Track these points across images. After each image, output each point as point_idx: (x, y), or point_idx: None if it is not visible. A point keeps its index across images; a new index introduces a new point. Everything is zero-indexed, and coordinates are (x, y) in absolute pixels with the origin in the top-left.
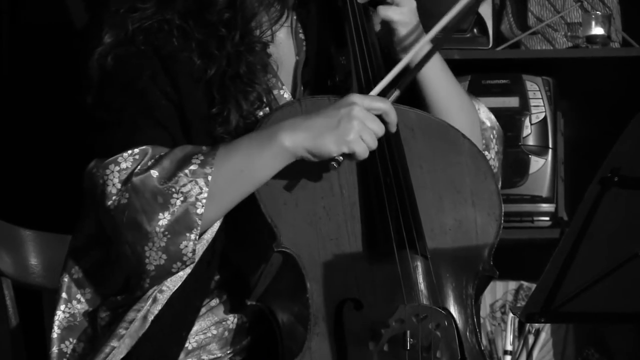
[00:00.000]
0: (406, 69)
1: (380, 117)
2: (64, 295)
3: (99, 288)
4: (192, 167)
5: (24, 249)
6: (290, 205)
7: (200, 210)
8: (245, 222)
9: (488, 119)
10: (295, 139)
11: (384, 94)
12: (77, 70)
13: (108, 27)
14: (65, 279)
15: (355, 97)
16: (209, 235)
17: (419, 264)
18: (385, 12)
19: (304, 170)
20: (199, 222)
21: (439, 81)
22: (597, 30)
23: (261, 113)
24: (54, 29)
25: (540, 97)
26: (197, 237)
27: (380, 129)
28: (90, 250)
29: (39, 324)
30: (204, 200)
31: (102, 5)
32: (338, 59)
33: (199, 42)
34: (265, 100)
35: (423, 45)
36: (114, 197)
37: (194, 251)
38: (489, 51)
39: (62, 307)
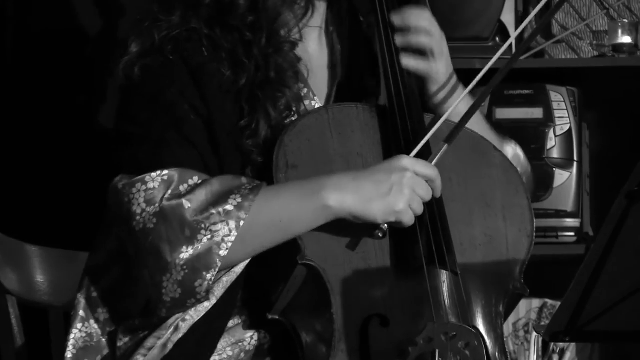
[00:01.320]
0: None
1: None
2: (81, 313)
3: (117, 307)
4: (228, 207)
5: (30, 265)
6: None
7: (223, 253)
8: None
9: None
10: (341, 201)
11: (426, 153)
12: (90, 79)
13: (134, 36)
14: (83, 297)
15: (407, 161)
16: (239, 269)
17: (448, 280)
18: (408, 62)
19: None
20: (219, 264)
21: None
22: (624, 39)
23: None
24: (59, 35)
25: (565, 108)
26: (213, 278)
27: (428, 196)
28: (112, 268)
29: (46, 343)
30: (229, 244)
31: (121, 12)
32: (370, 74)
33: (228, 51)
34: (294, 108)
35: (463, 98)
36: (138, 217)
37: (207, 291)
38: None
39: (79, 325)
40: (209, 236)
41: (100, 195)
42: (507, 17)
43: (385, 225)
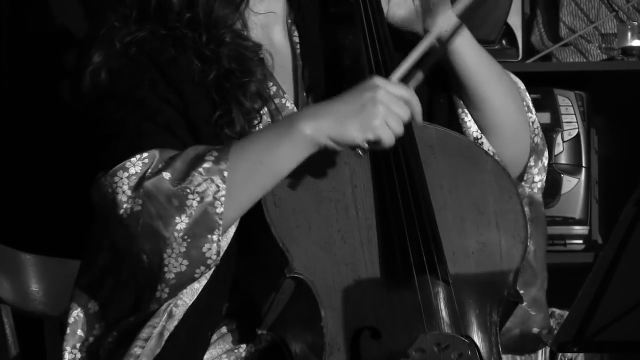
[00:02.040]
0: (430, 51)
1: None
2: (79, 332)
3: (112, 314)
4: (206, 165)
5: (25, 274)
6: (303, 228)
7: (220, 210)
8: (256, 246)
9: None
10: (317, 127)
11: (406, 79)
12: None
13: (96, 46)
14: (82, 314)
15: (379, 81)
16: (230, 235)
17: (440, 290)
18: None
19: (318, 190)
20: (220, 222)
21: (471, 60)
22: (634, 42)
23: (265, 110)
24: (54, 38)
25: (573, 112)
26: (220, 238)
27: (406, 114)
28: (105, 282)
29: (41, 353)
30: (222, 199)
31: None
32: (344, 41)
33: (192, 48)
34: (264, 94)
35: (447, 21)
36: (125, 206)
37: (218, 253)
38: (518, 64)
39: (79, 345)
40: (199, 199)
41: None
42: (514, 20)
43: (366, 144)
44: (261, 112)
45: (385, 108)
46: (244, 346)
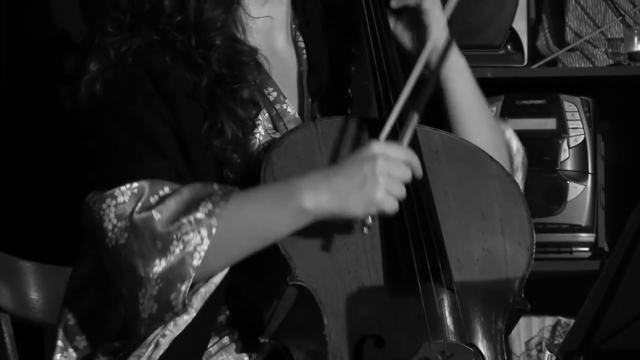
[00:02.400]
0: (422, 83)
1: None
2: (59, 343)
3: (95, 333)
4: (199, 215)
5: (24, 282)
6: (306, 235)
7: (196, 262)
8: (258, 253)
9: (518, 143)
10: (318, 202)
11: (403, 116)
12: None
13: (92, 53)
14: (61, 326)
15: (377, 148)
16: (218, 278)
17: (444, 297)
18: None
19: None
20: (192, 274)
21: (462, 89)
22: None
23: (264, 120)
24: (53, 41)
25: (579, 118)
26: (187, 289)
27: (406, 175)
28: (85, 293)
29: None
30: (202, 252)
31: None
32: (349, 47)
33: (186, 56)
34: (258, 100)
35: (433, 46)
36: (110, 234)
37: (184, 303)
38: (523, 69)
39: (58, 356)
40: (181, 247)
41: None
42: (519, 24)
43: (369, 218)
44: (260, 118)
45: (386, 178)
46: (246, 357)
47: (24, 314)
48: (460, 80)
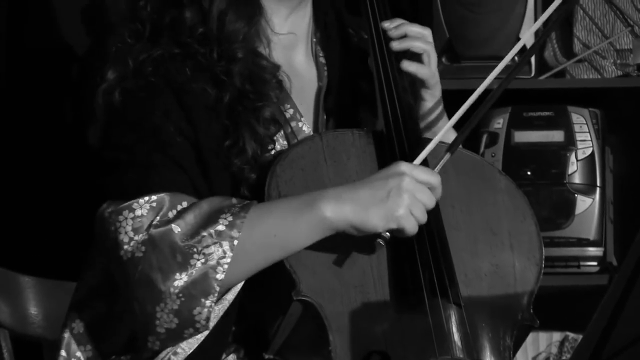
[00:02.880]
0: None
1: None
2: (62, 353)
3: (100, 345)
4: (219, 228)
5: (23, 297)
6: (311, 249)
7: (220, 276)
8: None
9: None
10: (339, 211)
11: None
12: (78, 105)
13: (110, 62)
14: (66, 335)
15: (404, 167)
16: (231, 296)
17: (451, 313)
18: (409, 66)
19: None
20: (217, 289)
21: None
22: None
23: (279, 137)
24: (52, 54)
25: (587, 130)
26: (213, 304)
27: (431, 202)
28: (92, 303)
29: None
30: (225, 266)
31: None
32: (363, 85)
33: (208, 69)
34: (278, 119)
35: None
36: (125, 247)
37: (208, 319)
38: (531, 80)
39: None
40: (203, 260)
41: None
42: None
43: (387, 233)
44: (276, 136)
45: (411, 196)
46: None
47: (23, 329)
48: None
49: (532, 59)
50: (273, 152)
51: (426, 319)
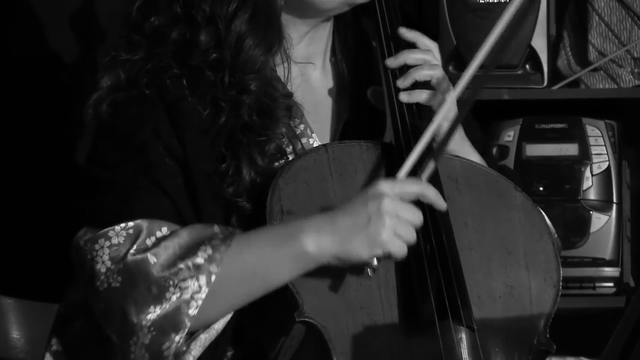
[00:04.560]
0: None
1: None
2: None
3: None
4: (198, 261)
5: (5, 319)
6: (315, 269)
7: (192, 312)
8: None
9: None
10: (320, 244)
11: (419, 164)
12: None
13: (102, 71)
14: (47, 356)
15: (383, 186)
16: (220, 326)
17: (463, 336)
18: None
19: None
20: (187, 324)
21: None
22: None
23: (290, 149)
24: (39, 62)
25: (603, 143)
26: (182, 339)
27: (417, 218)
28: (73, 322)
29: None
30: (199, 301)
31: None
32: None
33: (205, 89)
34: (289, 148)
35: (453, 100)
36: (102, 278)
37: (176, 355)
38: (543, 90)
39: None
40: (178, 294)
41: None
42: (539, 42)
43: (375, 260)
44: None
45: (392, 218)
46: None
47: (5, 353)
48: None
49: (545, 68)
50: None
51: (437, 343)
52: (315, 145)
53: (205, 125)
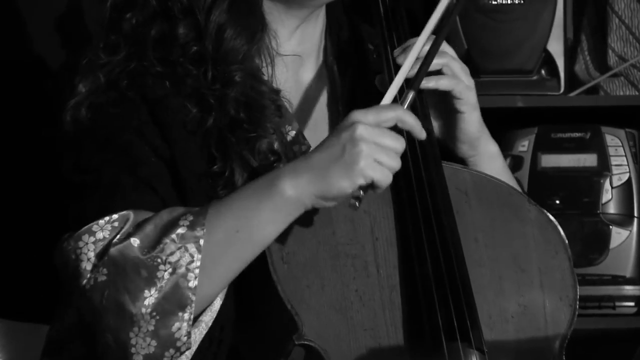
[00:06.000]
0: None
1: (395, 128)
2: None
3: None
4: (180, 231)
5: None
6: (315, 288)
7: (193, 283)
8: (259, 307)
9: None
10: (298, 184)
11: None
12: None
13: (80, 75)
14: None
15: (357, 114)
16: (208, 318)
17: (473, 359)
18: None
19: (333, 243)
20: (193, 298)
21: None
22: None
23: (280, 163)
24: (23, 67)
25: (624, 154)
26: (192, 317)
27: (397, 143)
28: (69, 345)
29: None
30: (196, 271)
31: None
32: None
33: (191, 87)
34: (277, 149)
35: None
36: (88, 275)
37: (188, 334)
38: (560, 97)
39: None
40: (170, 270)
41: None
42: (555, 46)
43: (360, 191)
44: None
45: (368, 144)
46: None
47: None
48: (490, 170)
49: (562, 74)
50: None
51: None
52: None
53: (192, 126)
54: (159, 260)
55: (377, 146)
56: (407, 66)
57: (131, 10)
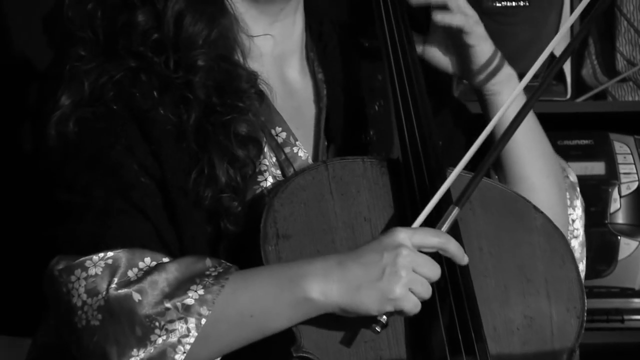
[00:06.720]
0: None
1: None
2: None
3: None
4: (187, 301)
5: None
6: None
7: (179, 357)
8: None
9: (580, 198)
10: (327, 292)
11: (441, 205)
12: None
13: (64, 85)
14: None
15: (402, 235)
16: None
17: None
18: (443, 18)
19: (330, 252)
20: None
21: (525, 143)
22: None
23: (271, 166)
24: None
25: (633, 161)
26: None
27: (435, 274)
28: None
29: None
30: (187, 346)
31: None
32: (373, 82)
33: (172, 86)
34: (257, 135)
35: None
36: (79, 313)
37: None
38: (566, 103)
39: None
40: (164, 337)
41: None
42: (561, 50)
43: (384, 317)
44: (266, 164)
45: (409, 273)
46: None
47: None
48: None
49: (569, 78)
50: (263, 183)
51: None
52: (300, 154)
53: (176, 130)
54: (157, 324)
55: (415, 276)
56: (449, 182)
57: (99, 4)
